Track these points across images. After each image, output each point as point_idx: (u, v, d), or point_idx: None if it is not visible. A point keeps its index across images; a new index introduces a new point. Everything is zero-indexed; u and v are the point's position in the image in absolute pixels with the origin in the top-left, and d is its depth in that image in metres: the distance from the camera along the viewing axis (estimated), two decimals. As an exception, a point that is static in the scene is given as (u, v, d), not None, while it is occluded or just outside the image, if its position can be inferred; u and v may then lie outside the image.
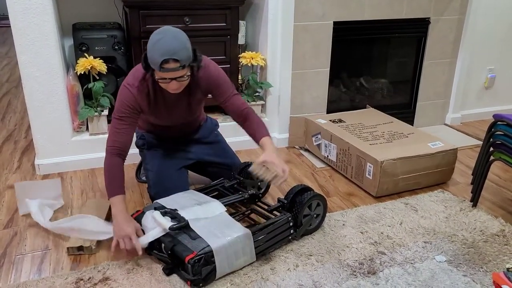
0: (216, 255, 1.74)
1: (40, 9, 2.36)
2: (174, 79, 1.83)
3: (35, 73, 2.46)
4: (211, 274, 1.75)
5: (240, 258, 1.83)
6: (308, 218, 2.05)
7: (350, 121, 2.91)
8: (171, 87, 1.86)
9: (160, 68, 1.77)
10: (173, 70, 1.78)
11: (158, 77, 1.84)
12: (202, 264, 1.71)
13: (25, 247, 2.00)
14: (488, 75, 3.60)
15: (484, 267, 1.90)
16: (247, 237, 1.83)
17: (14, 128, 3.33)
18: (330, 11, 2.91)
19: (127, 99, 1.95)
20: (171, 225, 1.81)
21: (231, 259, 1.79)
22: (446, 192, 2.51)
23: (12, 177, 2.60)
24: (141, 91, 1.96)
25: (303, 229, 2.03)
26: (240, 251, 1.82)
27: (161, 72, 1.80)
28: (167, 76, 1.82)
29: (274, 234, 1.94)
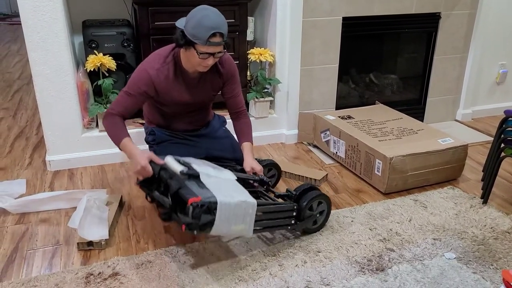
0: (219, 209, 1.70)
1: (50, 7, 2.38)
2: (213, 54, 1.90)
3: (45, 70, 2.48)
4: (208, 225, 1.69)
5: (239, 225, 1.78)
6: (311, 217, 2.05)
7: (359, 118, 2.90)
8: (208, 62, 1.92)
9: (207, 41, 1.83)
10: (218, 44, 1.87)
11: (202, 51, 1.88)
12: (203, 210, 1.67)
13: (36, 242, 2.03)
14: (500, 70, 3.56)
15: (494, 265, 1.89)
16: (251, 206, 1.80)
17: (25, 124, 3.37)
18: (339, 6, 2.89)
19: (142, 80, 1.99)
20: (182, 170, 1.81)
21: (231, 220, 1.75)
22: (456, 189, 2.49)
23: (24, 173, 2.63)
24: (161, 72, 2.01)
25: (304, 224, 2.03)
26: (241, 217, 1.78)
27: (206, 46, 1.85)
28: (210, 51, 1.88)
29: (276, 217, 1.93)
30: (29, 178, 2.57)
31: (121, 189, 2.47)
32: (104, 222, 2.04)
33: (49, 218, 2.19)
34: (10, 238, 2.05)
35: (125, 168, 2.71)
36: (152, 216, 2.22)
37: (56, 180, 2.56)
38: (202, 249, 1.97)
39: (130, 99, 2.01)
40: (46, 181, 2.55)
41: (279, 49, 2.92)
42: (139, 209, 2.28)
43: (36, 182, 2.54)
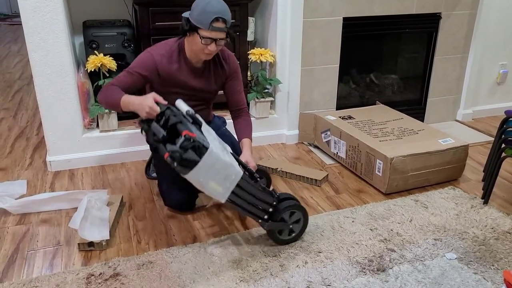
0: (207, 154, 1.68)
1: (51, 7, 2.38)
2: (215, 40, 1.97)
3: (46, 71, 2.48)
4: (190, 163, 1.67)
5: (217, 185, 1.76)
6: (284, 225, 1.98)
7: (359, 118, 2.90)
8: (210, 48, 1.98)
9: (210, 26, 1.92)
10: (220, 29, 1.95)
11: (205, 35, 1.95)
12: (193, 146, 1.66)
13: (37, 243, 2.03)
14: (500, 70, 3.56)
15: (495, 265, 1.88)
16: (236, 173, 1.79)
17: (26, 125, 3.37)
18: (339, 7, 2.89)
19: (146, 62, 2.06)
20: (189, 110, 1.82)
21: (212, 174, 1.73)
22: (457, 189, 2.49)
23: (24, 174, 2.63)
24: (166, 58, 2.07)
25: (273, 226, 1.95)
26: (222, 177, 1.76)
27: (209, 31, 1.93)
28: (212, 36, 1.95)
29: (253, 202, 1.88)
30: (30, 179, 2.57)
31: (122, 190, 2.47)
32: (105, 222, 2.04)
33: (50, 219, 2.19)
34: (11, 238, 2.05)
35: (125, 168, 2.71)
36: (153, 216, 2.23)
37: (56, 181, 2.56)
38: (203, 249, 1.97)
39: (130, 77, 2.04)
40: (46, 181, 2.55)
41: (279, 49, 2.92)
42: (140, 209, 2.28)
43: (36, 182, 2.54)
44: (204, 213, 2.26)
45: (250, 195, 1.88)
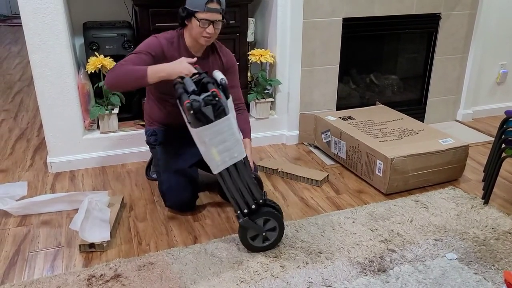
0: (223, 120, 1.73)
1: (51, 9, 2.38)
2: (212, 22, 2.05)
3: (46, 72, 2.49)
4: (204, 117, 1.71)
5: (218, 153, 1.76)
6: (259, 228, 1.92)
7: (359, 118, 2.90)
8: (209, 31, 2.07)
9: (205, 7, 2.02)
10: (216, 10, 2.05)
11: (201, 17, 2.04)
12: (214, 105, 1.71)
13: (38, 244, 2.03)
14: (500, 70, 3.56)
15: (496, 265, 1.89)
16: (240, 153, 1.80)
17: (26, 126, 3.37)
18: (339, 7, 2.90)
19: (153, 45, 2.12)
20: (222, 79, 1.85)
21: (218, 140, 1.74)
22: (457, 189, 2.49)
23: (25, 175, 2.63)
24: (171, 44, 2.15)
25: (248, 225, 1.89)
26: (226, 148, 1.77)
27: (205, 13, 2.03)
28: (209, 17, 2.04)
29: (240, 189, 1.85)
30: (31, 180, 2.57)
31: (123, 191, 2.47)
32: (105, 224, 2.05)
33: (51, 220, 2.20)
34: (12, 240, 2.05)
35: (126, 169, 2.71)
36: (154, 217, 2.23)
37: (57, 182, 2.56)
38: (204, 250, 1.97)
39: (139, 57, 2.06)
40: (47, 183, 2.56)
41: (279, 50, 2.92)
42: (141, 210, 2.29)
43: (37, 184, 2.54)
44: (204, 214, 2.26)
45: (242, 182, 1.86)
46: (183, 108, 1.81)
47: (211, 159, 1.81)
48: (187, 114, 1.73)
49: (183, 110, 1.85)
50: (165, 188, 2.22)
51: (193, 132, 1.78)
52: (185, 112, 1.78)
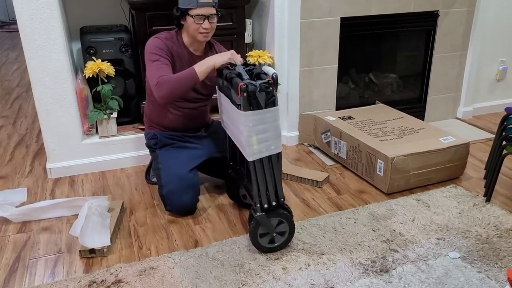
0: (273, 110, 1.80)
1: (48, 14, 2.37)
2: (207, 17, 2.09)
3: (44, 78, 2.48)
4: (255, 103, 1.76)
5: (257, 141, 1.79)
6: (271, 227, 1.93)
7: (359, 118, 2.89)
8: (204, 26, 2.09)
9: (198, 2, 2.04)
10: (208, 4, 2.08)
11: (195, 13, 2.07)
12: (267, 93, 1.77)
13: (38, 251, 2.02)
14: (500, 67, 3.55)
15: (499, 263, 1.87)
16: (277, 146, 1.84)
17: (25, 132, 3.37)
18: (337, 7, 2.89)
19: (157, 44, 2.13)
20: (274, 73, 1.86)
21: (261, 128, 1.79)
22: (458, 187, 2.48)
23: (25, 181, 2.63)
24: (172, 42, 2.18)
25: (263, 221, 1.89)
26: (266, 138, 1.80)
27: (198, 8, 2.06)
28: (203, 12, 2.07)
29: (267, 183, 1.86)
30: (30, 186, 2.56)
31: (123, 195, 2.46)
32: (106, 229, 2.04)
33: (51, 226, 2.19)
34: (12, 247, 2.04)
35: (126, 173, 2.70)
36: (154, 221, 2.22)
37: (57, 188, 2.55)
38: (205, 254, 1.96)
39: (160, 63, 2.08)
40: (47, 188, 2.55)
41: (278, 51, 2.91)
42: (141, 215, 2.28)
43: (37, 190, 2.53)
44: (205, 217, 2.25)
45: (271, 176, 1.87)
46: (233, 90, 1.84)
47: (249, 145, 1.81)
48: (240, 96, 1.76)
49: (229, 93, 1.91)
50: (165, 192, 2.21)
51: (240, 114, 1.79)
52: (236, 93, 1.79)
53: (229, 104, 1.96)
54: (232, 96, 1.89)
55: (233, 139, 2.04)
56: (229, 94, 1.94)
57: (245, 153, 1.85)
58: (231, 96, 1.91)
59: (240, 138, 1.86)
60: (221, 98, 2.09)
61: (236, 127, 1.90)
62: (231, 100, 1.93)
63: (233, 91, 1.85)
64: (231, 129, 2.03)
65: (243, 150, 1.86)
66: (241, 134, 1.82)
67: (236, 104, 1.84)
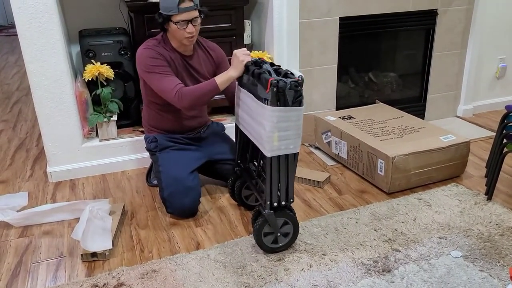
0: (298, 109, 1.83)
1: (46, 18, 2.37)
2: (190, 21, 2.07)
3: (43, 82, 2.48)
4: (283, 100, 1.77)
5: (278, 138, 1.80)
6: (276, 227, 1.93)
7: (359, 117, 2.89)
8: (189, 30, 2.08)
9: (178, 8, 2.02)
10: (190, 8, 2.05)
11: (178, 20, 2.05)
12: (296, 91, 1.79)
13: (40, 255, 2.02)
14: (499, 64, 3.55)
15: (501, 261, 1.87)
16: (296, 146, 1.85)
17: (25, 136, 3.36)
18: (335, 7, 2.88)
19: (150, 55, 2.12)
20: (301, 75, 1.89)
21: (284, 126, 1.79)
22: (460, 186, 2.48)
23: (25, 186, 2.62)
24: (160, 48, 2.16)
25: (271, 219, 1.90)
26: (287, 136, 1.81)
27: (179, 14, 2.04)
28: (185, 17, 2.05)
29: (279, 182, 1.87)
30: (31, 190, 2.56)
31: (124, 198, 2.46)
32: (107, 232, 2.03)
33: (52, 230, 2.19)
34: (13, 251, 2.04)
35: (126, 176, 2.70)
36: (156, 224, 2.22)
37: (58, 192, 2.55)
38: (207, 256, 1.96)
39: (165, 72, 2.10)
40: (48, 192, 2.54)
41: (277, 51, 2.91)
42: (142, 217, 2.27)
43: (38, 194, 2.53)
44: (206, 219, 2.25)
45: (285, 175, 1.87)
46: (260, 85, 1.83)
47: (269, 141, 1.80)
48: (268, 91, 1.76)
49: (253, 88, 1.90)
50: (166, 195, 2.20)
51: (266, 109, 1.78)
52: (264, 88, 1.79)
53: (251, 99, 1.93)
54: (257, 91, 1.87)
55: (249, 134, 2.01)
56: (253, 89, 1.92)
57: (264, 148, 1.83)
58: (256, 91, 1.88)
59: (261, 133, 1.84)
60: (241, 93, 2.06)
61: (257, 122, 1.88)
62: (255, 95, 1.90)
63: (260, 86, 1.84)
64: (249, 124, 1.98)
65: (262, 145, 1.85)
66: (263, 129, 1.81)
67: (262, 99, 1.82)
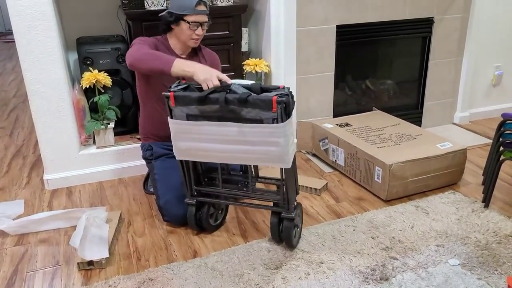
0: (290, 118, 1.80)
1: (44, 26, 2.38)
2: (201, 25, 2.15)
3: (41, 89, 2.47)
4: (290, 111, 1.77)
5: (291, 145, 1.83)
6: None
7: (357, 125, 2.89)
8: (198, 32, 2.16)
9: (194, 10, 2.10)
10: (204, 12, 2.14)
11: (191, 20, 2.12)
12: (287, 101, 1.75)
13: (36, 263, 2.00)
14: (495, 72, 3.57)
15: (499, 270, 1.87)
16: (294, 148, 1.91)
17: (22, 143, 3.36)
18: (332, 14, 2.90)
19: (148, 40, 2.19)
20: None
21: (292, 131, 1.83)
22: (457, 193, 2.48)
23: (22, 193, 2.61)
24: (157, 42, 2.21)
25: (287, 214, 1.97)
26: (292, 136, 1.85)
27: (194, 15, 2.12)
28: (199, 19, 2.14)
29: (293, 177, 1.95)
30: (27, 198, 2.55)
31: (120, 206, 2.45)
32: (104, 240, 2.02)
33: (49, 238, 2.17)
34: (9, 260, 2.03)
35: (123, 184, 2.69)
36: (153, 232, 2.21)
37: (54, 199, 2.54)
38: (204, 264, 1.95)
39: (150, 46, 2.13)
40: (44, 200, 2.53)
41: (274, 59, 2.92)
42: (139, 225, 2.27)
43: (34, 201, 2.52)
44: (204, 227, 2.24)
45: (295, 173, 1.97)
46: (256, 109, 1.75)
47: (287, 153, 1.80)
48: (275, 110, 1.73)
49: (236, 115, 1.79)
50: (162, 203, 2.20)
51: (278, 128, 1.75)
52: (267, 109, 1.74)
53: (234, 127, 1.80)
54: (245, 115, 1.78)
55: (234, 161, 1.90)
56: (233, 115, 1.80)
57: (283, 163, 1.82)
58: (242, 116, 1.79)
59: (272, 152, 1.80)
60: (201, 127, 1.85)
61: (258, 144, 1.80)
62: (240, 120, 1.80)
63: (253, 109, 1.76)
64: (235, 151, 1.86)
65: (277, 162, 1.82)
66: (278, 146, 1.78)
67: (262, 120, 1.77)
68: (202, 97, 1.80)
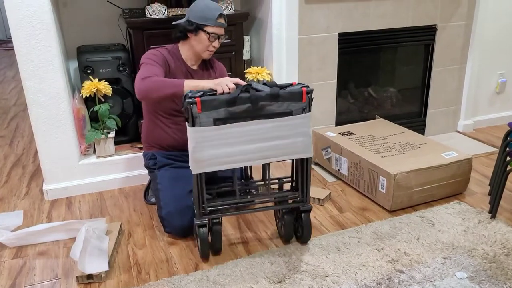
0: None
1: (44, 34, 2.35)
2: (218, 37, 2.16)
3: (40, 98, 2.45)
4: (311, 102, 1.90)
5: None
6: None
7: (360, 133, 2.86)
8: (215, 44, 2.17)
9: (216, 22, 2.10)
10: (223, 25, 2.15)
11: (211, 31, 2.12)
12: None
13: (34, 277, 1.96)
14: (499, 79, 3.54)
15: (508, 283, 1.83)
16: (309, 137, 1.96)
17: (22, 152, 3.32)
18: (334, 23, 2.88)
19: (154, 53, 2.14)
20: None
21: None
22: (462, 203, 2.44)
23: (21, 204, 2.58)
24: (167, 55, 2.18)
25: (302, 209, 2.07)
26: None
27: (215, 27, 2.12)
28: (218, 32, 2.14)
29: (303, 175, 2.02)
30: (27, 209, 2.52)
31: (121, 216, 2.41)
32: (104, 253, 1.99)
33: (47, 251, 2.13)
34: (7, 273, 1.99)
35: (124, 194, 2.66)
36: (153, 244, 2.17)
37: (54, 210, 2.50)
38: (206, 277, 1.91)
39: (158, 68, 2.06)
40: (43, 211, 2.50)
41: (276, 67, 2.89)
42: (140, 237, 2.23)
43: (33, 212, 2.48)
44: (205, 238, 2.20)
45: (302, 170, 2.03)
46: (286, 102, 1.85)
47: (311, 142, 1.94)
48: (305, 100, 1.86)
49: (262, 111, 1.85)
50: (164, 214, 2.16)
51: (306, 118, 1.88)
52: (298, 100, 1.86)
53: (268, 123, 1.85)
54: (275, 110, 1.85)
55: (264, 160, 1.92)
56: (263, 112, 1.84)
57: (307, 152, 1.95)
58: (274, 111, 1.85)
59: (301, 143, 1.92)
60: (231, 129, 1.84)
61: (289, 137, 1.90)
62: (272, 116, 1.85)
63: (284, 102, 1.85)
64: (267, 149, 1.90)
65: (303, 153, 1.94)
66: (305, 136, 1.92)
67: (292, 112, 1.88)
68: (234, 97, 1.79)
